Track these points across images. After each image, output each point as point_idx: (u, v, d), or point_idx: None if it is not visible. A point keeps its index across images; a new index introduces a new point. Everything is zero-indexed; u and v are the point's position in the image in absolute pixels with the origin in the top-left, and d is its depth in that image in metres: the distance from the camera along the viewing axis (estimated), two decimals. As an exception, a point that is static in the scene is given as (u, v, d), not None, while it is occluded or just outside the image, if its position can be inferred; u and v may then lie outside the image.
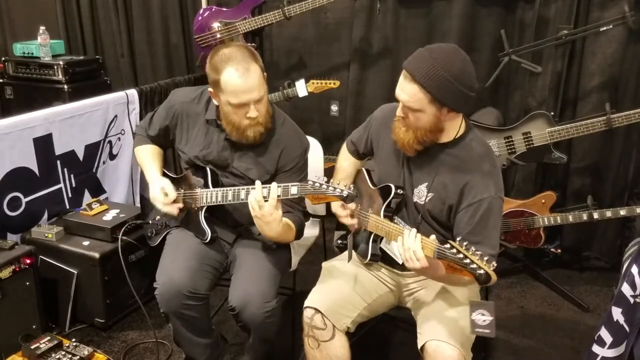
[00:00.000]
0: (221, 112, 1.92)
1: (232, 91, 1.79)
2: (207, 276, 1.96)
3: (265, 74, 1.88)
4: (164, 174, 2.11)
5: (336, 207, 1.87)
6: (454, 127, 1.71)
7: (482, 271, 1.37)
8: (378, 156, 1.93)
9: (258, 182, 1.77)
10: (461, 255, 1.40)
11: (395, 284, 1.93)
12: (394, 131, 1.73)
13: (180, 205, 2.03)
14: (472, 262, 1.39)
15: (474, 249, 1.43)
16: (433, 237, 1.54)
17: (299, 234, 2.01)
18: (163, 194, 1.99)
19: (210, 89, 1.90)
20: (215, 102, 1.93)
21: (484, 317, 1.58)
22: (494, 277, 1.39)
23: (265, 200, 1.74)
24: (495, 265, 1.42)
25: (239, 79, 1.77)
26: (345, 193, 1.65)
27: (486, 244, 1.65)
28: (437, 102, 1.59)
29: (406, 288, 1.92)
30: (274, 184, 1.75)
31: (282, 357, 2.33)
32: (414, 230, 1.57)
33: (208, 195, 1.95)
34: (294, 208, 1.97)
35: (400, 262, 1.77)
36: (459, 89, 1.58)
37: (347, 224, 1.88)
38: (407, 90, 1.60)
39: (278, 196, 1.74)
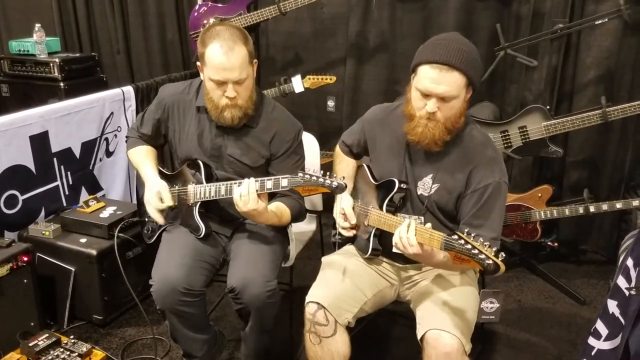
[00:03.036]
0: (204, 88, 1.94)
1: (214, 66, 1.82)
2: (202, 272, 1.96)
3: (256, 60, 1.90)
4: (159, 172, 2.11)
5: (338, 215, 1.88)
6: None
7: (490, 261, 1.39)
8: (375, 155, 1.94)
9: (245, 180, 1.79)
10: (469, 246, 1.42)
11: (396, 277, 1.93)
12: (413, 132, 1.70)
13: (162, 220, 2.03)
14: (481, 252, 1.40)
15: (480, 239, 1.44)
16: (429, 225, 1.57)
17: (296, 217, 2.03)
18: (158, 199, 1.99)
19: (198, 63, 1.92)
20: (201, 76, 1.94)
21: (492, 305, 1.60)
22: (502, 267, 1.41)
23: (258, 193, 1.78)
24: (497, 249, 1.44)
25: (221, 56, 1.79)
26: (335, 184, 1.67)
27: (488, 227, 1.69)
28: (470, 83, 1.65)
29: (407, 281, 1.93)
30: (249, 180, 1.78)
31: (280, 352, 2.34)
32: (407, 221, 1.61)
33: (201, 191, 1.95)
34: (292, 191, 1.97)
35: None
36: (480, 63, 1.67)
37: (344, 234, 1.89)
38: (446, 80, 1.60)
39: (269, 189, 1.78)
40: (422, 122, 1.68)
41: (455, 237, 1.45)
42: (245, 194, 1.77)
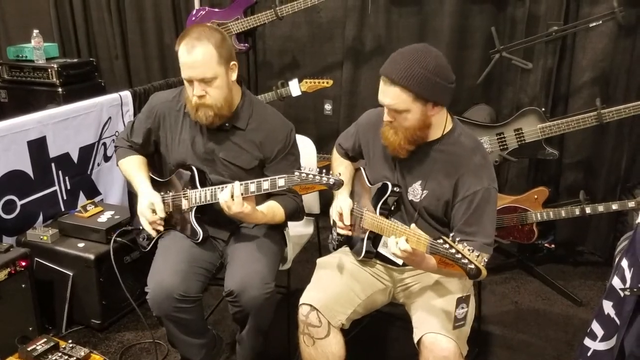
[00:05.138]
0: None
1: (181, 65, 1.86)
2: (198, 278, 1.96)
3: (234, 62, 1.91)
4: (151, 179, 2.12)
5: (335, 213, 1.89)
6: (441, 123, 1.75)
7: (472, 266, 1.40)
8: (369, 159, 1.96)
9: (229, 184, 1.81)
10: (453, 251, 1.43)
11: (389, 280, 1.94)
12: (383, 136, 1.76)
13: (161, 228, 2.04)
14: (464, 256, 1.41)
15: (466, 245, 1.45)
16: (413, 225, 1.59)
17: (292, 215, 2.04)
18: (151, 211, 1.99)
19: None
20: None
21: (462, 310, 1.61)
22: (484, 272, 1.42)
23: (245, 197, 1.80)
24: (488, 257, 1.46)
25: (184, 53, 1.83)
26: (332, 180, 1.67)
27: (481, 233, 1.69)
28: (421, 98, 1.64)
29: (401, 283, 1.93)
30: (234, 184, 1.80)
31: (277, 355, 2.35)
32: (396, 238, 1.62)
33: (196, 196, 1.96)
34: (289, 190, 1.96)
35: (400, 263, 1.83)
36: (437, 81, 1.63)
37: (339, 232, 1.91)
38: (389, 93, 1.64)
39: (252, 192, 1.80)
40: (387, 128, 1.74)
41: (441, 241, 1.46)
42: (228, 199, 1.79)
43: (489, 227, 1.72)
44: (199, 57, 1.82)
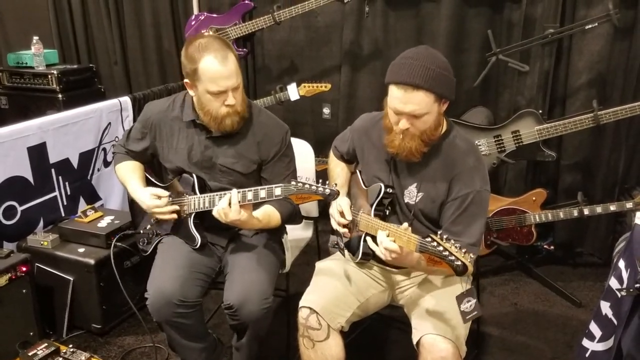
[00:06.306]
0: (198, 104, 1.94)
1: (211, 78, 1.82)
2: (198, 284, 1.97)
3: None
4: (151, 183, 2.13)
5: (336, 212, 1.90)
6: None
7: (459, 262, 1.43)
8: (363, 163, 1.98)
9: (227, 195, 1.81)
10: (441, 248, 1.46)
11: (387, 282, 1.96)
12: (391, 144, 1.74)
13: (177, 207, 2.02)
14: (451, 254, 1.44)
15: (453, 241, 1.47)
16: (405, 224, 1.61)
17: (289, 219, 2.04)
18: (156, 199, 2.00)
19: (185, 81, 1.92)
20: (191, 92, 1.95)
21: (469, 303, 1.63)
22: (470, 267, 1.45)
23: (241, 204, 1.80)
24: (473, 257, 1.50)
25: (218, 66, 1.81)
26: (327, 191, 1.68)
27: (467, 234, 1.71)
28: (439, 97, 1.65)
29: (399, 285, 1.95)
30: (231, 192, 1.80)
31: (277, 359, 2.35)
32: (384, 232, 1.64)
33: (195, 202, 1.96)
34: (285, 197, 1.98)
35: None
36: (449, 77, 1.66)
37: (339, 230, 1.91)
38: (413, 100, 1.62)
39: (249, 200, 1.80)
40: (398, 136, 1.71)
41: (429, 239, 1.49)
42: (226, 206, 1.79)
43: (475, 229, 1.73)
44: (232, 65, 1.83)
